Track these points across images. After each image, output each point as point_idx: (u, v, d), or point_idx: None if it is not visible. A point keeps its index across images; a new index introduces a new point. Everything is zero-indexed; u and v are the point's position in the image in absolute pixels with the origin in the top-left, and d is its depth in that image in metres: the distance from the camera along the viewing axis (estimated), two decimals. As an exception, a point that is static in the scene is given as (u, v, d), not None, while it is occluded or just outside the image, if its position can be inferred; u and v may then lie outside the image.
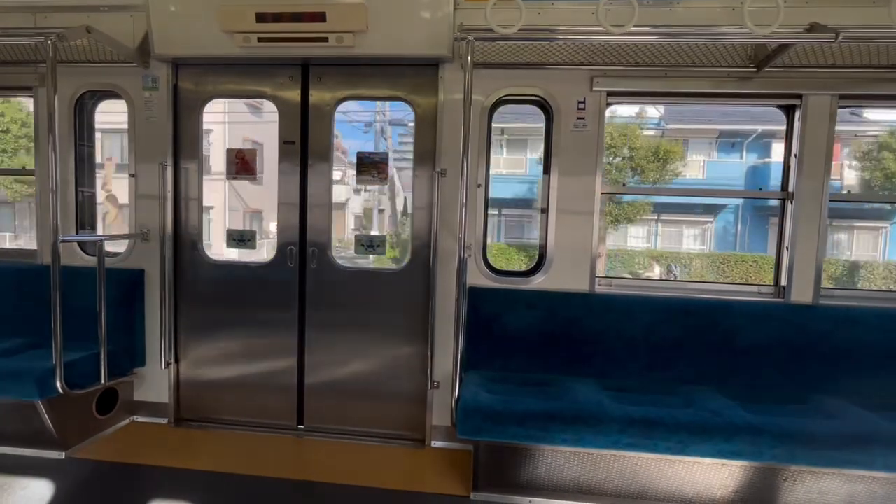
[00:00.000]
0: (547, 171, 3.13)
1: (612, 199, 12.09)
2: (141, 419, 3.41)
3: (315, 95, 3.26)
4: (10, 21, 3.18)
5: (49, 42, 2.63)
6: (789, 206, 3.05)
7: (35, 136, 3.42)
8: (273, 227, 3.42)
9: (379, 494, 2.65)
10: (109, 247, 3.21)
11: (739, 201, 14.86)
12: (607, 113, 3.08)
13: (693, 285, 3.30)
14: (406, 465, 2.98)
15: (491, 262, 3.19)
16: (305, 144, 3.28)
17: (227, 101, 3.50)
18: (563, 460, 2.54)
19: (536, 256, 3.25)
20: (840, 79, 2.88)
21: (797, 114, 2.99)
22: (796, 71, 2.88)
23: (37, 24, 3.17)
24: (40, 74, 3.31)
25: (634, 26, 2.31)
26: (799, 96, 2.95)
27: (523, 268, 3.28)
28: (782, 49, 2.63)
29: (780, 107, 3.11)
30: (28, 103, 3.46)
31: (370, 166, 3.29)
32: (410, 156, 3.24)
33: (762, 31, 2.28)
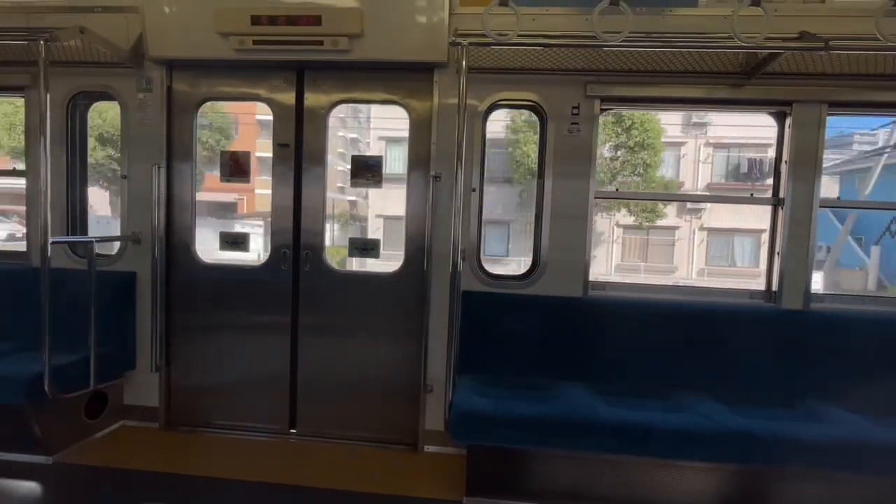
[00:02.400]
0: (541, 175, 3.15)
1: None
2: (131, 423, 3.37)
3: (310, 99, 3.25)
4: (3, 21, 3.15)
5: (41, 42, 2.61)
6: (780, 212, 3.08)
7: (26, 138, 3.39)
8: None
9: (371, 499, 2.63)
10: (100, 249, 3.18)
11: None
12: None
13: (685, 290, 3.32)
14: (399, 469, 2.96)
15: (484, 266, 3.20)
16: (300, 148, 3.27)
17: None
18: (556, 464, 2.54)
19: None
20: (829, 87, 2.93)
21: (787, 121, 3.03)
22: (786, 79, 2.92)
23: (29, 25, 3.14)
24: (32, 75, 3.28)
25: (628, 34, 2.33)
26: (789, 103, 2.99)
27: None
28: (772, 57, 2.66)
29: (770, 114, 3.15)
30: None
31: (364, 170, 3.29)
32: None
33: (752, 40, 2.31)
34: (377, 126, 15.29)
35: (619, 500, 2.54)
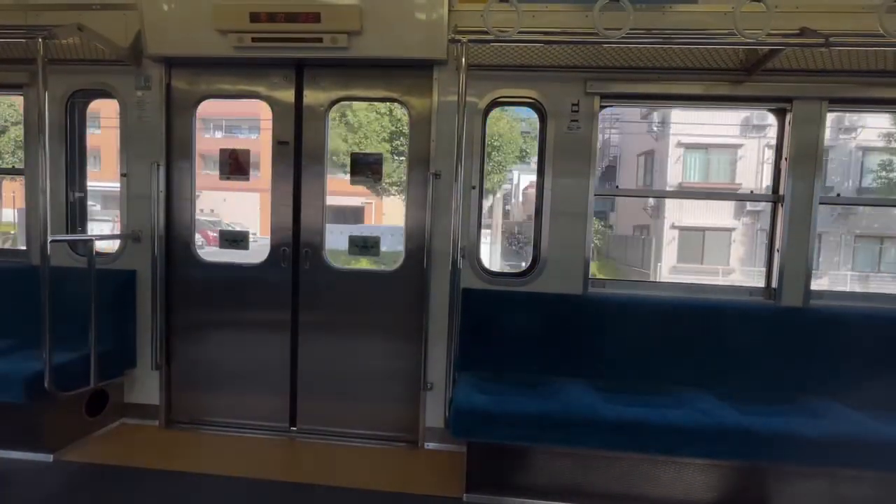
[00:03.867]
0: (541, 173, 3.14)
1: None
2: (131, 421, 3.37)
3: (309, 96, 3.25)
4: (1, 19, 3.14)
5: (39, 40, 2.61)
6: (780, 209, 3.08)
7: (25, 136, 3.39)
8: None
9: (372, 496, 2.64)
10: (100, 247, 3.18)
11: None
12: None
13: (685, 287, 3.32)
14: (399, 466, 2.97)
15: (484, 263, 3.20)
16: (299, 145, 3.27)
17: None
18: (556, 461, 2.55)
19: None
20: (829, 83, 2.92)
21: (788, 117, 3.02)
22: (787, 75, 2.91)
23: (27, 22, 3.14)
24: (31, 73, 3.28)
25: (628, 30, 2.32)
26: (789, 100, 2.98)
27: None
28: (773, 54, 2.66)
29: (770, 110, 3.14)
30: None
31: (364, 167, 3.29)
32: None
33: (753, 36, 2.30)
34: (678, 132, 14.40)
35: (618, 497, 2.54)
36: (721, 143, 14.61)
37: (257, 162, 3.51)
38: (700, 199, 17.94)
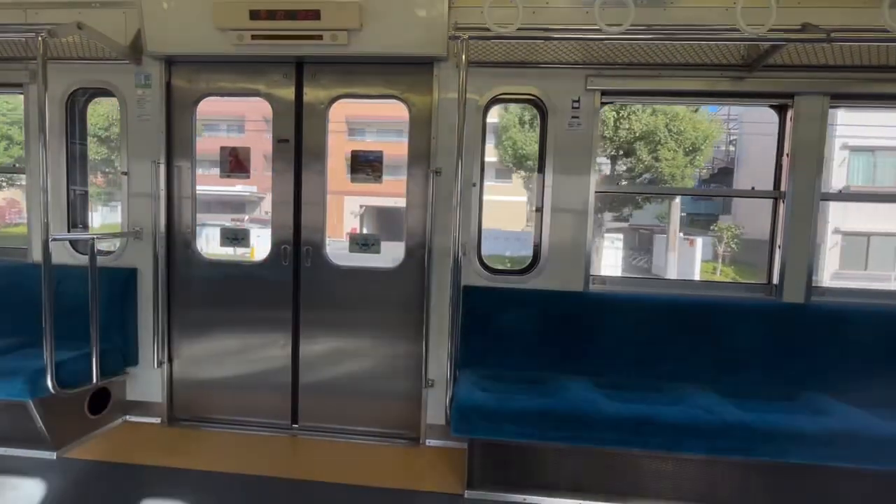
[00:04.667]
0: (541, 170, 3.14)
1: None
2: (133, 419, 3.39)
3: (309, 94, 3.24)
4: (1, 17, 3.15)
5: (39, 38, 2.61)
6: (781, 206, 3.07)
7: (26, 134, 3.39)
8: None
9: (373, 493, 2.65)
10: (102, 245, 3.19)
11: None
12: None
13: (686, 284, 3.32)
14: (400, 463, 2.98)
15: (485, 261, 3.20)
16: (299, 143, 3.27)
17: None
18: (557, 458, 2.55)
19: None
20: (831, 79, 2.91)
21: (789, 113, 3.01)
22: (788, 71, 2.90)
23: (27, 21, 3.14)
24: (31, 71, 3.28)
25: (629, 26, 2.32)
26: (791, 96, 2.97)
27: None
28: (774, 49, 2.65)
29: (772, 106, 3.13)
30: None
31: (364, 165, 3.29)
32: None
33: (755, 31, 2.29)
34: (843, 133, 13.33)
35: (619, 493, 2.55)
36: (890, 146, 13.44)
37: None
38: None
